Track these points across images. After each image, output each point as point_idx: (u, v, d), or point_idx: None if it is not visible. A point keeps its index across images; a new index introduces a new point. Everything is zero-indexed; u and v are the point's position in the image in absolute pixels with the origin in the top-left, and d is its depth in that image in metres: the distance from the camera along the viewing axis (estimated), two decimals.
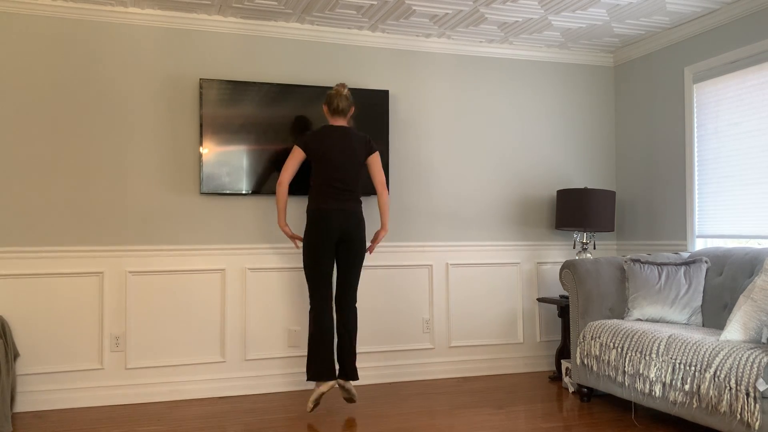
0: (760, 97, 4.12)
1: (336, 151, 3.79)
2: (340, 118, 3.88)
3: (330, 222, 3.76)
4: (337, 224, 3.77)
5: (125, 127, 4.24)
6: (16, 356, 3.95)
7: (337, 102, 3.85)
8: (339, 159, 3.80)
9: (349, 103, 3.89)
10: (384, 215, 3.96)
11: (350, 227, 3.80)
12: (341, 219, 3.77)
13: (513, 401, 4.15)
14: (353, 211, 3.82)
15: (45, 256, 4.07)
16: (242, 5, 4.18)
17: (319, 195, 3.81)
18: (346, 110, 3.88)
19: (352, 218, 3.81)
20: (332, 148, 3.79)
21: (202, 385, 4.32)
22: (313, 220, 3.79)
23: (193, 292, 4.35)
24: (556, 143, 5.22)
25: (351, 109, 3.91)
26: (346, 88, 3.89)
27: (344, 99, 3.87)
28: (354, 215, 3.82)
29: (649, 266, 4.10)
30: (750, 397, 2.93)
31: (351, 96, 3.92)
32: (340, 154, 3.80)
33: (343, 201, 3.80)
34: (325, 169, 3.80)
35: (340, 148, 3.80)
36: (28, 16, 4.08)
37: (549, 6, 4.23)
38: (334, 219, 3.76)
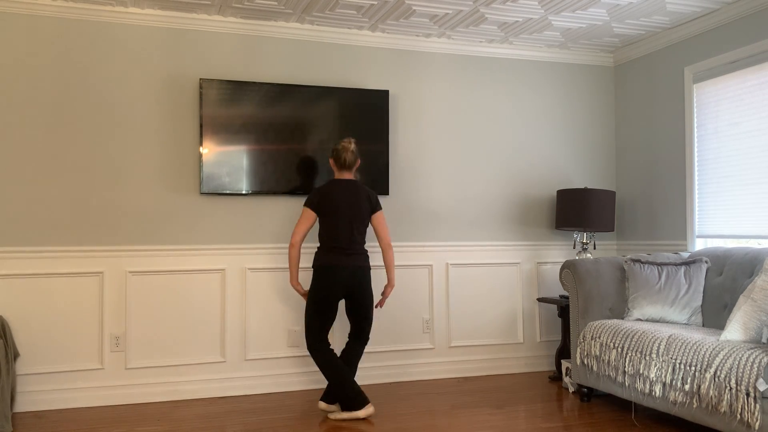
0: (760, 97, 4.12)
1: (344, 206, 3.82)
2: (346, 172, 3.91)
3: (340, 278, 3.78)
4: (345, 281, 3.80)
5: (125, 127, 4.24)
6: (16, 356, 3.95)
7: (344, 157, 3.87)
8: (347, 214, 3.82)
9: (356, 157, 3.91)
10: (390, 272, 4.00)
11: (357, 283, 3.84)
12: (349, 275, 3.80)
13: (513, 401, 4.15)
14: (361, 266, 3.85)
15: (45, 256, 4.07)
16: (242, 5, 4.18)
17: (327, 250, 3.83)
18: (352, 164, 3.91)
19: (359, 274, 3.84)
20: (340, 204, 3.82)
21: (202, 385, 4.32)
22: (321, 276, 3.81)
23: (193, 292, 4.35)
24: (556, 143, 5.22)
25: (357, 162, 3.93)
26: (353, 144, 3.90)
27: (351, 153, 3.88)
28: (361, 271, 3.85)
29: (649, 266, 4.10)
30: (750, 397, 2.93)
31: (357, 150, 3.93)
32: (348, 209, 3.82)
33: (351, 257, 3.82)
34: (334, 224, 3.82)
35: (348, 203, 3.83)
36: (28, 16, 4.08)
37: (549, 6, 4.23)
38: (342, 276, 3.79)
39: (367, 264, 3.89)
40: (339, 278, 3.78)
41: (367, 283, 3.88)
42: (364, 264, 3.87)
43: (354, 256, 3.83)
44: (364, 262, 3.88)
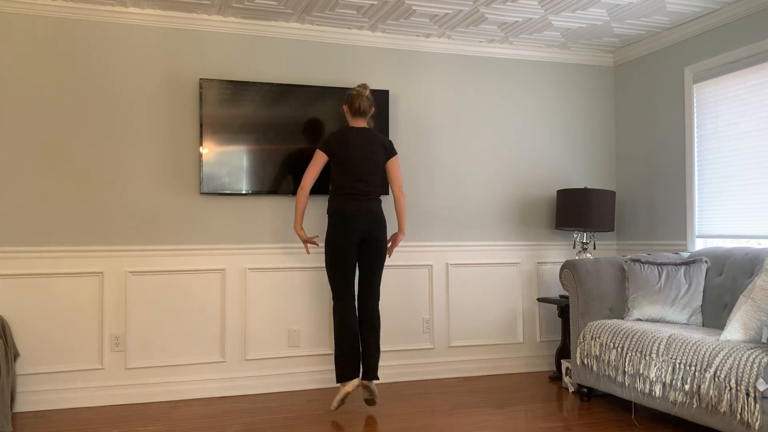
0: (760, 97, 4.12)
1: (357, 153, 3.81)
2: (360, 119, 3.90)
3: (353, 223, 3.78)
4: (360, 225, 3.79)
5: (125, 127, 4.24)
6: (16, 356, 3.95)
7: (359, 103, 3.85)
8: (360, 161, 3.81)
9: (370, 104, 3.90)
10: (401, 219, 3.98)
11: (373, 228, 3.83)
12: (364, 220, 3.80)
13: (513, 401, 4.15)
14: (375, 211, 3.85)
15: (45, 256, 4.07)
16: (242, 5, 4.18)
17: (341, 196, 3.82)
18: (367, 111, 3.89)
19: (374, 219, 3.83)
20: (354, 150, 3.80)
21: (202, 385, 4.32)
22: (336, 222, 3.81)
23: (193, 292, 4.35)
24: (556, 143, 5.22)
25: (372, 109, 3.93)
26: (367, 89, 3.89)
27: (366, 100, 3.87)
28: (377, 216, 3.85)
29: (649, 266, 4.10)
30: (750, 397, 2.93)
31: (372, 97, 3.92)
32: (362, 156, 3.81)
33: (365, 202, 3.82)
34: (347, 170, 3.81)
35: (362, 150, 3.82)
36: (28, 16, 4.08)
37: (549, 6, 4.23)
38: (358, 220, 3.78)
39: (381, 210, 3.88)
40: (355, 221, 3.77)
41: (382, 230, 3.85)
42: (377, 208, 3.86)
43: (369, 203, 3.83)
44: (379, 208, 3.87)
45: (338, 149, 3.82)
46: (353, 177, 3.81)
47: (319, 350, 4.56)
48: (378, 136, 3.91)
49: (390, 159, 3.93)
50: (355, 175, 3.81)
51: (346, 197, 3.82)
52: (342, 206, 3.81)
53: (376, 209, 3.87)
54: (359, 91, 3.87)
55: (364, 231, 3.80)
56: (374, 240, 3.85)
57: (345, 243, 3.79)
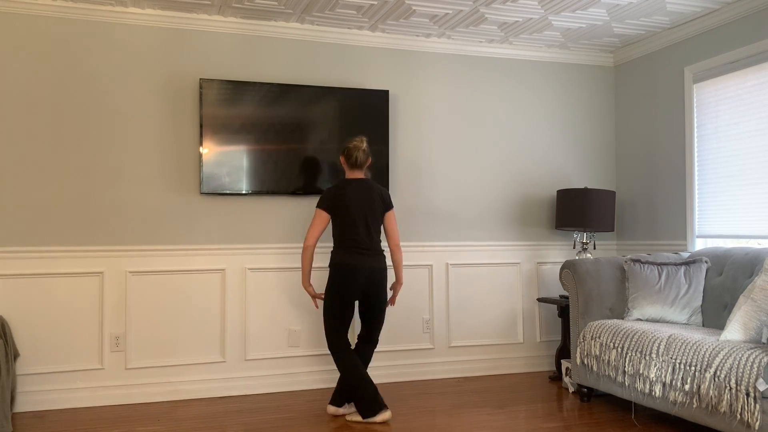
0: (760, 97, 4.12)
1: (357, 205, 3.77)
2: (357, 171, 3.86)
3: (358, 277, 3.74)
4: (363, 280, 3.75)
5: (125, 127, 4.24)
6: (16, 356, 3.95)
7: (356, 156, 3.81)
8: (361, 214, 3.77)
9: (367, 156, 3.86)
10: (398, 272, 3.96)
11: (375, 285, 3.79)
12: (367, 275, 3.76)
13: (513, 401, 4.15)
14: (376, 268, 3.80)
15: (45, 256, 4.07)
16: (242, 5, 4.18)
17: (343, 249, 3.78)
18: (364, 163, 3.85)
19: (377, 274, 3.79)
20: (354, 203, 3.77)
21: (202, 385, 4.32)
22: (337, 277, 3.77)
23: (193, 292, 4.35)
24: (556, 143, 5.22)
25: (368, 161, 3.89)
26: (364, 142, 3.84)
27: (362, 153, 3.83)
28: (377, 273, 3.80)
29: (649, 266, 4.10)
30: (750, 397, 2.93)
31: (368, 149, 3.87)
32: (362, 208, 3.77)
33: (368, 256, 3.78)
34: (348, 223, 3.77)
35: (361, 202, 3.78)
36: (28, 16, 4.08)
37: (549, 6, 4.23)
38: (360, 275, 3.75)
39: (384, 265, 3.83)
40: (357, 277, 3.74)
41: (384, 285, 3.83)
42: (381, 265, 3.82)
43: (372, 257, 3.78)
44: (382, 263, 3.82)
45: (338, 205, 3.78)
46: (355, 230, 3.76)
47: (319, 350, 4.56)
48: (376, 188, 3.86)
49: (387, 212, 3.89)
50: (356, 228, 3.76)
51: (347, 251, 3.77)
52: (343, 261, 3.76)
53: (378, 265, 3.80)
54: (356, 144, 3.82)
55: (366, 286, 3.77)
56: (376, 295, 3.81)
57: (346, 296, 3.77)
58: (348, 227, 3.77)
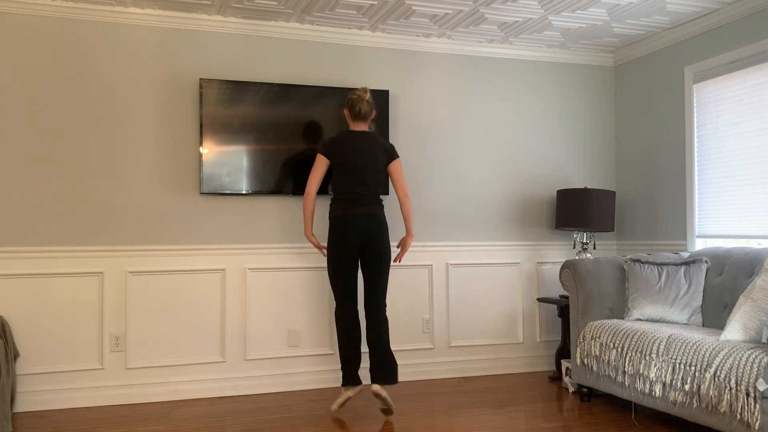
0: (760, 97, 4.12)
1: (358, 156, 3.77)
2: (361, 122, 3.86)
3: (353, 227, 3.75)
4: (361, 229, 3.76)
5: (125, 127, 4.25)
6: (16, 356, 3.95)
7: (359, 106, 3.81)
8: (361, 164, 3.78)
9: (371, 108, 3.86)
10: (408, 222, 3.94)
11: (374, 232, 3.79)
12: (364, 224, 3.76)
13: (513, 401, 4.15)
14: (376, 214, 3.81)
15: (45, 256, 4.07)
16: (242, 5, 4.18)
17: (342, 200, 3.80)
18: (367, 114, 3.86)
19: (375, 222, 3.79)
20: (354, 153, 3.77)
21: (202, 385, 4.32)
22: (337, 226, 3.79)
23: (193, 292, 4.35)
24: (556, 143, 5.22)
25: (372, 113, 3.89)
26: (368, 93, 3.85)
27: (366, 104, 3.83)
28: (377, 219, 3.80)
29: (649, 266, 4.10)
30: (750, 397, 2.93)
31: (372, 100, 3.89)
32: (362, 159, 3.78)
33: (365, 206, 3.79)
34: (347, 174, 3.78)
35: (362, 153, 3.78)
36: (28, 16, 4.08)
37: (549, 6, 4.23)
38: (358, 224, 3.75)
39: (382, 212, 3.83)
40: (355, 226, 3.74)
41: (383, 233, 3.81)
42: (379, 212, 3.82)
43: (368, 206, 3.79)
44: (380, 212, 3.83)
45: (338, 153, 3.80)
46: (353, 181, 3.78)
47: (319, 350, 4.56)
48: (379, 140, 3.87)
49: (392, 162, 3.89)
50: (355, 179, 3.78)
51: (346, 202, 3.79)
52: (342, 211, 3.78)
53: (378, 213, 3.83)
54: (360, 94, 3.83)
55: (364, 235, 3.77)
56: (376, 243, 3.80)
57: (346, 247, 3.77)
58: (347, 177, 3.77)
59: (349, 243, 3.76)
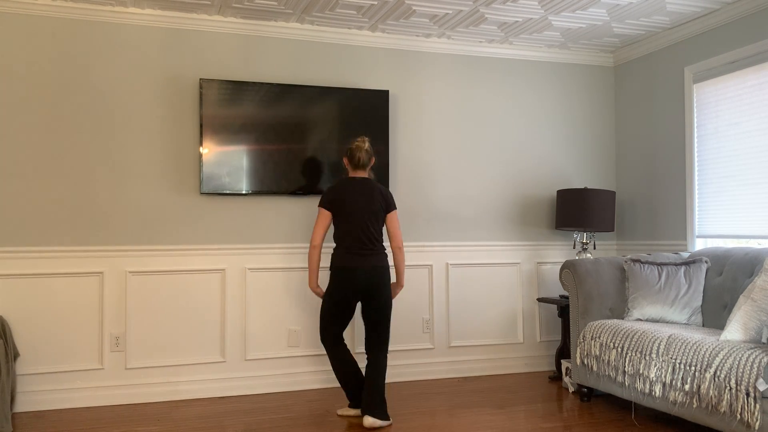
0: (760, 97, 4.12)
1: (358, 204, 3.74)
2: (360, 170, 3.84)
3: (356, 282, 3.70)
4: (362, 282, 3.71)
5: (125, 127, 4.25)
6: (16, 356, 3.95)
7: (358, 156, 3.79)
8: (361, 212, 3.73)
9: (370, 156, 3.84)
10: (400, 274, 3.91)
11: (375, 284, 3.73)
12: (366, 277, 3.71)
13: (513, 401, 4.15)
14: (379, 266, 3.75)
15: (45, 256, 4.07)
16: (242, 5, 4.18)
17: (343, 250, 3.74)
18: (366, 163, 3.83)
19: (376, 275, 3.74)
20: (354, 201, 3.74)
21: (202, 385, 4.32)
22: (338, 278, 3.74)
23: (193, 292, 4.35)
24: (556, 143, 5.22)
25: (371, 161, 3.86)
26: (366, 143, 3.82)
27: (365, 153, 3.81)
28: (380, 271, 3.75)
29: (649, 266, 4.10)
30: (750, 397, 2.93)
31: (371, 149, 3.86)
32: (363, 207, 3.74)
33: (368, 257, 3.73)
34: (348, 222, 3.74)
35: (362, 201, 3.74)
36: (28, 16, 4.08)
37: (549, 6, 4.23)
38: (359, 277, 3.70)
39: (385, 263, 3.78)
40: (356, 280, 3.69)
41: (386, 284, 3.77)
42: (382, 264, 3.76)
43: (371, 257, 3.74)
44: (382, 262, 3.77)
45: (338, 202, 3.76)
46: (354, 229, 3.73)
47: (319, 350, 4.56)
48: (378, 187, 3.83)
49: (389, 213, 3.85)
50: (357, 227, 3.72)
51: (347, 252, 3.73)
52: (344, 262, 3.73)
53: (381, 264, 3.76)
54: (358, 144, 3.81)
55: (366, 288, 3.72)
56: (378, 298, 3.74)
57: (344, 300, 3.74)
58: (347, 226, 3.74)
59: (351, 295, 3.73)
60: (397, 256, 3.89)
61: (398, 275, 3.93)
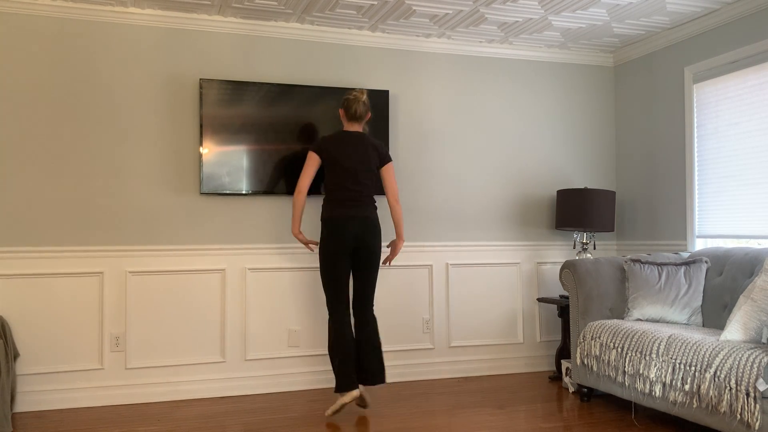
0: (760, 97, 4.12)
1: (350, 156, 3.74)
2: (356, 123, 3.84)
3: (346, 230, 3.72)
4: (353, 232, 3.72)
5: (125, 127, 4.25)
6: (16, 356, 3.95)
7: (355, 107, 3.80)
8: (353, 165, 3.75)
9: (367, 109, 3.84)
10: (399, 227, 3.91)
11: (366, 235, 3.75)
12: (357, 226, 3.73)
13: (513, 401, 4.15)
14: (369, 217, 3.77)
15: (45, 256, 4.07)
16: (242, 5, 4.18)
17: (334, 202, 3.77)
18: (362, 116, 3.83)
19: (367, 225, 3.76)
20: (347, 153, 3.74)
21: (202, 385, 4.32)
22: (329, 229, 3.75)
23: (193, 292, 4.35)
24: (556, 143, 5.22)
25: (368, 115, 3.87)
26: (364, 95, 3.83)
27: (362, 105, 3.81)
28: (370, 222, 3.77)
29: (649, 266, 4.10)
30: (750, 397, 2.93)
31: (369, 102, 3.87)
32: (355, 159, 3.75)
33: (358, 208, 3.75)
34: (339, 174, 3.75)
35: (355, 153, 3.75)
36: (28, 16, 4.08)
37: (549, 6, 4.23)
38: (350, 227, 3.72)
39: (374, 214, 3.79)
40: (347, 232, 3.70)
41: (375, 235, 3.78)
42: (371, 214, 3.78)
43: (361, 207, 3.75)
44: (372, 213, 3.78)
45: (331, 152, 3.76)
46: (346, 181, 3.74)
47: (319, 350, 4.56)
48: (372, 141, 3.84)
49: (384, 165, 3.86)
50: (348, 180, 3.74)
51: (338, 203, 3.76)
52: (334, 213, 3.75)
53: (370, 215, 3.79)
54: (356, 95, 3.81)
55: (357, 238, 3.74)
56: (367, 247, 3.77)
57: (338, 251, 3.74)
58: (339, 178, 3.74)
59: (342, 246, 3.73)
60: (395, 210, 3.88)
61: (398, 230, 3.92)
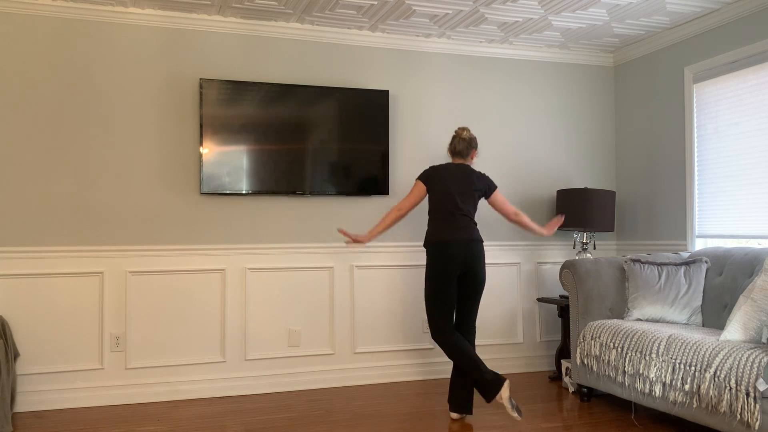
0: (760, 97, 4.12)
1: (454, 183, 3.79)
2: (458, 158, 3.90)
3: (453, 254, 3.69)
4: (461, 256, 3.70)
5: (125, 127, 4.25)
6: (16, 356, 3.95)
7: (454, 144, 3.88)
8: (458, 190, 3.78)
9: (467, 146, 3.87)
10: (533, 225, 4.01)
11: (472, 257, 3.73)
12: (464, 250, 3.71)
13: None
14: (475, 239, 3.76)
15: (45, 256, 4.07)
16: (242, 5, 4.18)
17: (440, 225, 3.76)
18: (464, 153, 3.88)
19: (474, 248, 3.74)
20: (450, 179, 3.80)
21: (202, 385, 4.32)
22: (436, 253, 3.73)
23: (193, 292, 4.35)
24: (556, 143, 5.22)
25: (472, 152, 3.89)
26: (465, 131, 3.88)
27: (462, 142, 3.86)
28: (476, 244, 3.75)
29: (649, 266, 4.10)
30: (750, 397, 2.93)
31: (472, 139, 3.88)
32: (459, 185, 3.79)
33: (463, 229, 3.74)
34: (444, 200, 3.77)
35: (459, 181, 3.80)
36: (28, 16, 4.08)
37: (549, 6, 4.23)
38: (458, 250, 3.70)
39: (480, 237, 3.80)
40: (454, 252, 3.69)
41: (481, 258, 3.77)
42: (477, 237, 3.78)
43: (466, 230, 3.75)
44: (477, 236, 3.79)
45: (437, 180, 3.81)
46: (450, 205, 3.76)
47: (319, 350, 4.57)
48: (475, 172, 3.89)
49: (493, 193, 3.92)
50: (452, 203, 3.76)
51: (443, 224, 3.75)
52: (442, 237, 3.73)
53: (476, 237, 3.77)
54: (458, 132, 3.89)
55: (464, 260, 3.71)
56: (474, 271, 3.74)
57: (446, 273, 3.70)
58: (445, 203, 3.77)
59: (451, 267, 3.69)
60: (521, 219, 3.98)
61: (534, 226, 4.02)
